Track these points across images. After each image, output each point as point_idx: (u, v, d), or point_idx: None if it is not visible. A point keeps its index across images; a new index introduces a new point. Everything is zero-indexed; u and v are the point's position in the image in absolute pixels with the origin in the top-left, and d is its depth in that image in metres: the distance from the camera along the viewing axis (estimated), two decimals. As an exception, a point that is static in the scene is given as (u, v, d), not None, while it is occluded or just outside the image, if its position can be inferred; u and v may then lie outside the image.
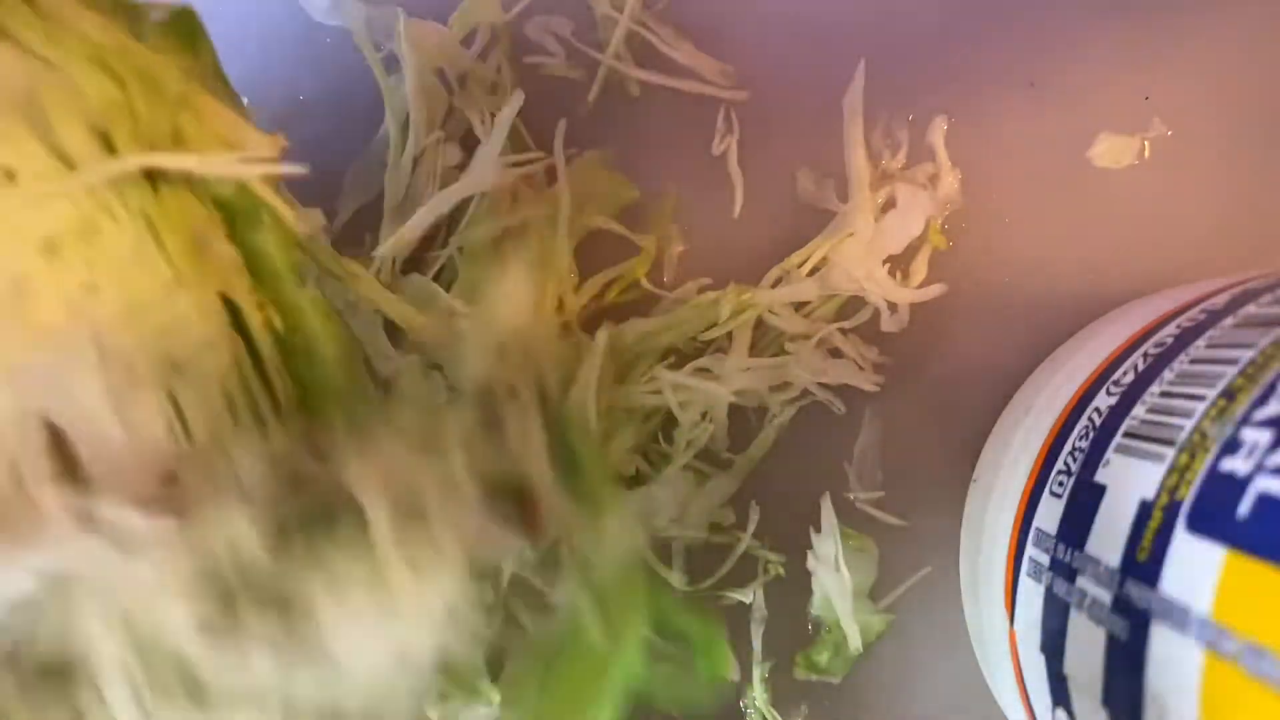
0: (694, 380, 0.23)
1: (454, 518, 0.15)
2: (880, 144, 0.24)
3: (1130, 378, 0.18)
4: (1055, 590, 0.17)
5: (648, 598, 0.18)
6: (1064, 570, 0.17)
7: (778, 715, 0.24)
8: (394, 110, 0.23)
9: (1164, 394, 0.16)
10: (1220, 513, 0.13)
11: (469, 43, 0.24)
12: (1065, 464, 0.18)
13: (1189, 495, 0.14)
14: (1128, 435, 0.16)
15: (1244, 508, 0.13)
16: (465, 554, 0.15)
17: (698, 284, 0.24)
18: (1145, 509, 0.15)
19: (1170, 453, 0.15)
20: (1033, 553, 0.18)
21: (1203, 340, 0.17)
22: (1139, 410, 0.17)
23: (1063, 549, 0.17)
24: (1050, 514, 0.18)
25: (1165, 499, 0.14)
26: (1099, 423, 0.18)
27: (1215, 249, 0.23)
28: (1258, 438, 0.13)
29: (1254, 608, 0.12)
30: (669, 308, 0.24)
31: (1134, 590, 0.14)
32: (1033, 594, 0.18)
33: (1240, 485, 0.13)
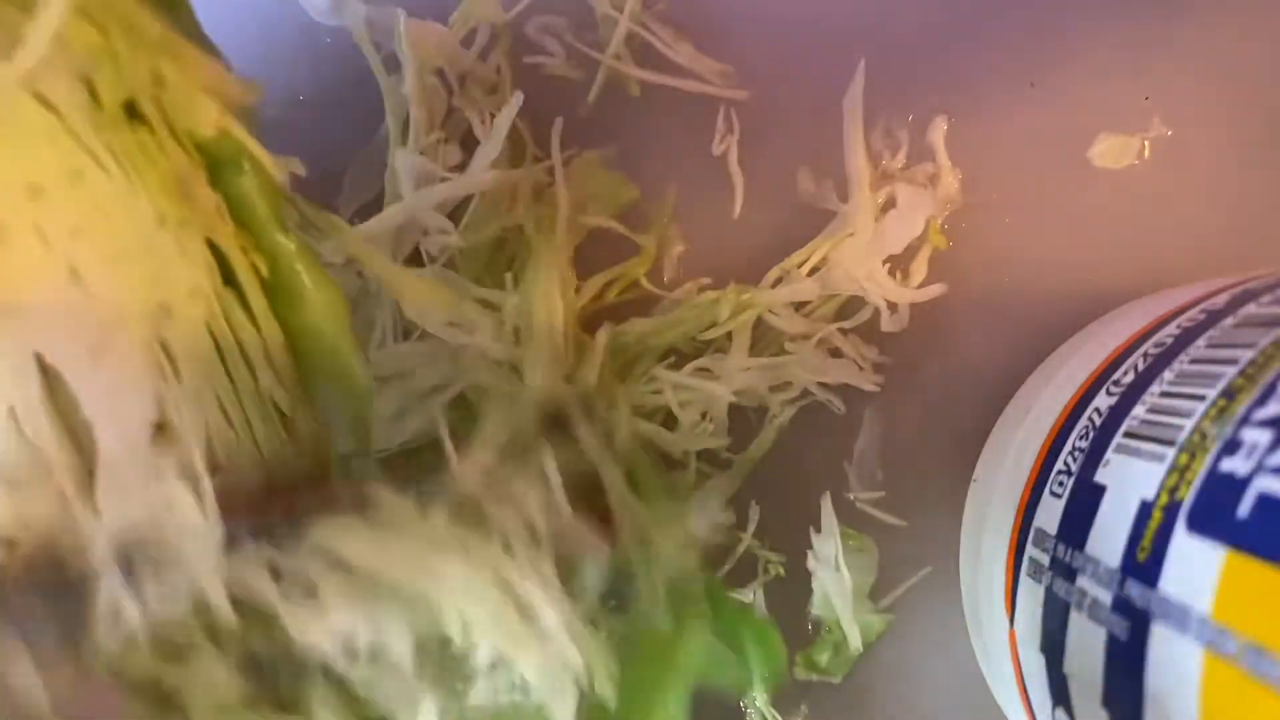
0: (694, 380, 0.23)
1: (551, 522, 0.15)
2: (880, 144, 0.24)
3: (1130, 378, 0.18)
4: (1055, 590, 0.17)
5: (707, 594, 0.18)
6: (1064, 570, 0.17)
7: (778, 715, 0.24)
8: (394, 110, 0.23)
9: (1164, 394, 0.16)
10: (1220, 513, 0.13)
11: (469, 43, 0.24)
12: (1065, 464, 0.18)
13: (1189, 495, 0.14)
14: (1128, 435, 0.16)
15: (1244, 508, 0.13)
16: (560, 556, 0.15)
17: (698, 284, 0.24)
18: (1145, 509, 0.15)
19: (1170, 453, 0.15)
20: (1033, 553, 0.18)
21: (1203, 340, 0.17)
22: (1139, 410, 0.17)
23: (1063, 549, 0.17)
24: (1050, 514, 0.18)
25: (1165, 499, 0.14)
26: (1099, 423, 0.18)
27: (1215, 249, 0.23)
28: (1258, 438, 0.13)
29: (1254, 608, 0.12)
30: (669, 308, 0.24)
31: (1134, 590, 0.14)
32: (1033, 594, 0.18)
33: (1240, 485, 0.13)
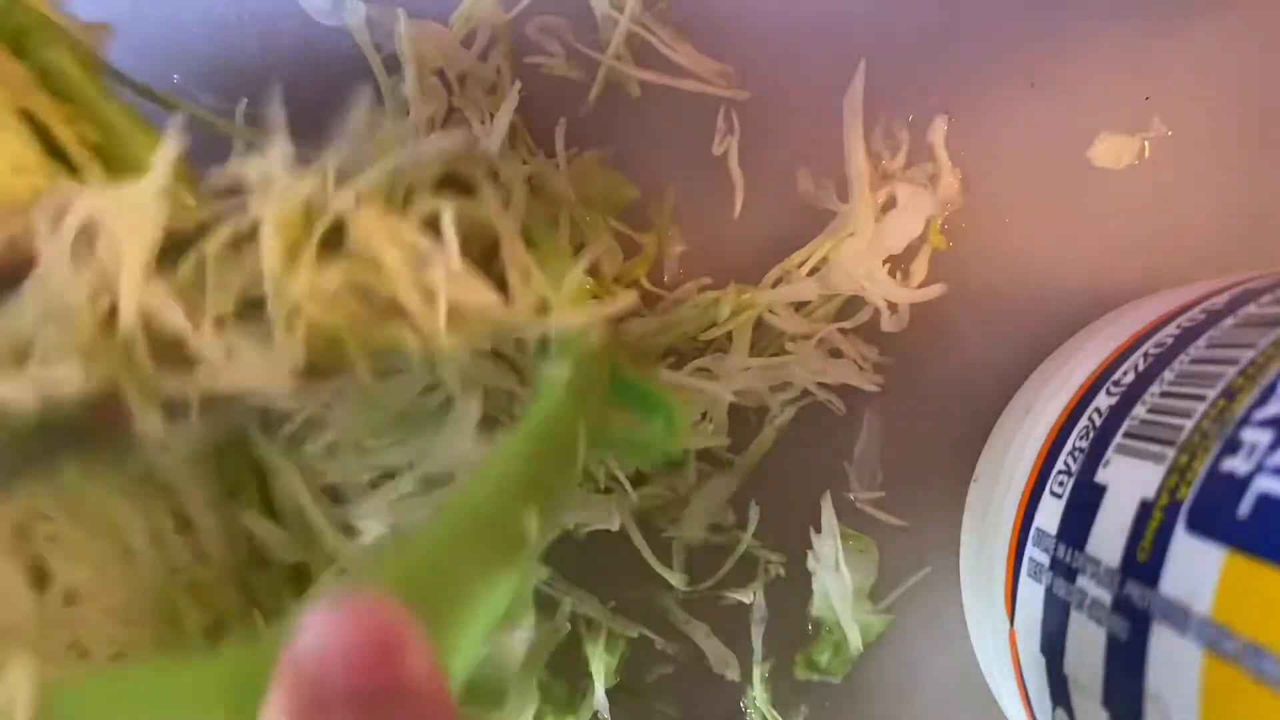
0: (694, 380, 0.23)
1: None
2: (880, 144, 0.24)
3: (1130, 378, 0.18)
4: (1055, 590, 0.17)
5: (611, 368, 0.18)
6: (1064, 570, 0.17)
7: (778, 715, 0.24)
8: (394, 110, 0.23)
9: (1164, 394, 0.16)
10: (1220, 513, 0.13)
11: (469, 43, 0.24)
12: (1065, 464, 0.18)
13: (1189, 495, 0.14)
14: (1128, 435, 0.16)
15: (1244, 508, 0.13)
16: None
17: (698, 284, 0.24)
18: (1145, 509, 0.15)
19: (1170, 453, 0.15)
20: (1033, 553, 0.18)
21: (1203, 340, 0.17)
22: (1139, 410, 0.17)
23: (1063, 549, 0.17)
24: (1050, 514, 0.18)
25: (1165, 499, 0.14)
26: (1099, 423, 0.18)
27: (1215, 249, 0.23)
28: (1258, 438, 0.13)
29: (1254, 608, 0.12)
30: (669, 308, 0.24)
31: (1134, 590, 0.14)
32: (1033, 594, 0.18)
33: (1240, 485, 0.13)
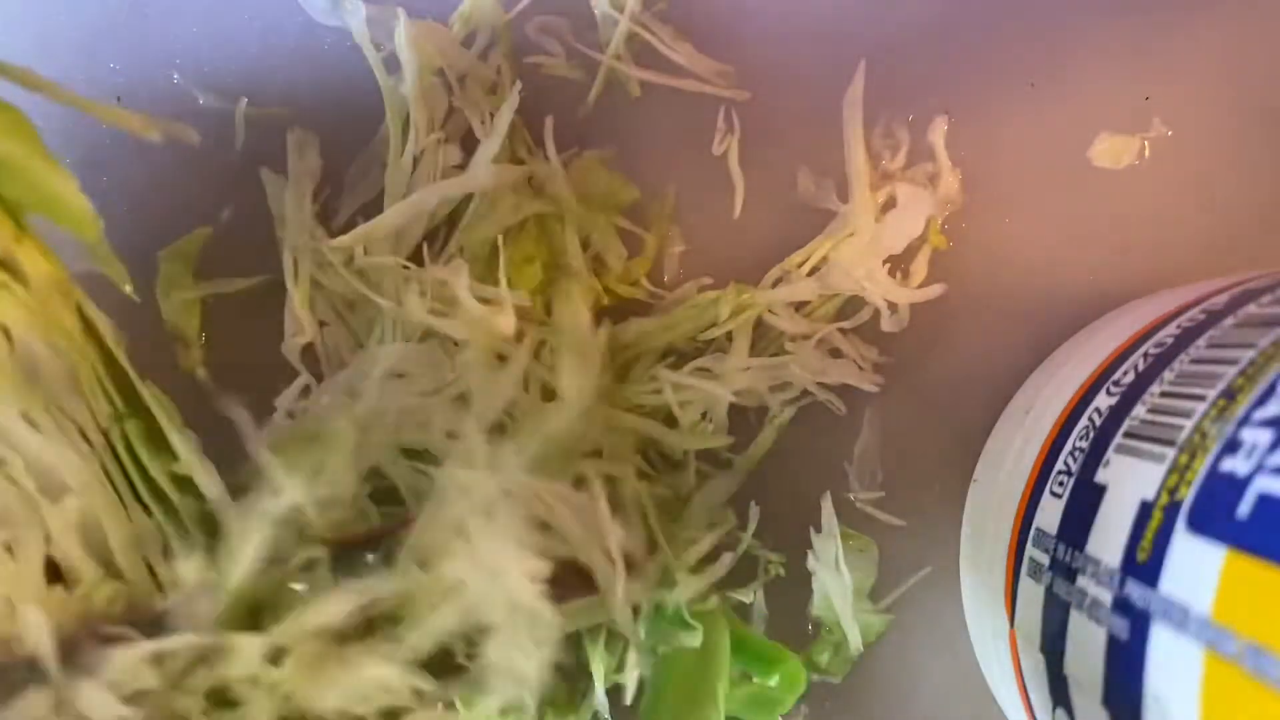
0: (694, 380, 0.23)
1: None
2: (880, 144, 0.24)
3: (1130, 378, 0.18)
4: (1055, 590, 0.17)
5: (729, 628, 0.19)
6: (1064, 570, 0.17)
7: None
8: (394, 110, 0.23)
9: (1164, 394, 0.16)
10: (1220, 513, 0.13)
11: (469, 43, 0.24)
12: (1065, 464, 0.18)
13: (1189, 495, 0.14)
14: (1128, 435, 0.16)
15: (1244, 508, 0.13)
16: None
17: (697, 284, 0.24)
18: (1145, 509, 0.15)
19: (1170, 453, 0.15)
20: (1033, 553, 0.18)
21: (1203, 340, 0.17)
22: (1139, 410, 0.17)
23: (1063, 549, 0.17)
24: (1050, 514, 0.18)
25: (1165, 499, 0.14)
26: (1099, 423, 0.18)
27: (1215, 249, 0.23)
28: (1258, 438, 0.13)
29: (1254, 608, 0.12)
30: (669, 308, 0.24)
31: (1134, 590, 0.14)
32: (1033, 594, 0.18)
33: (1240, 485, 0.13)
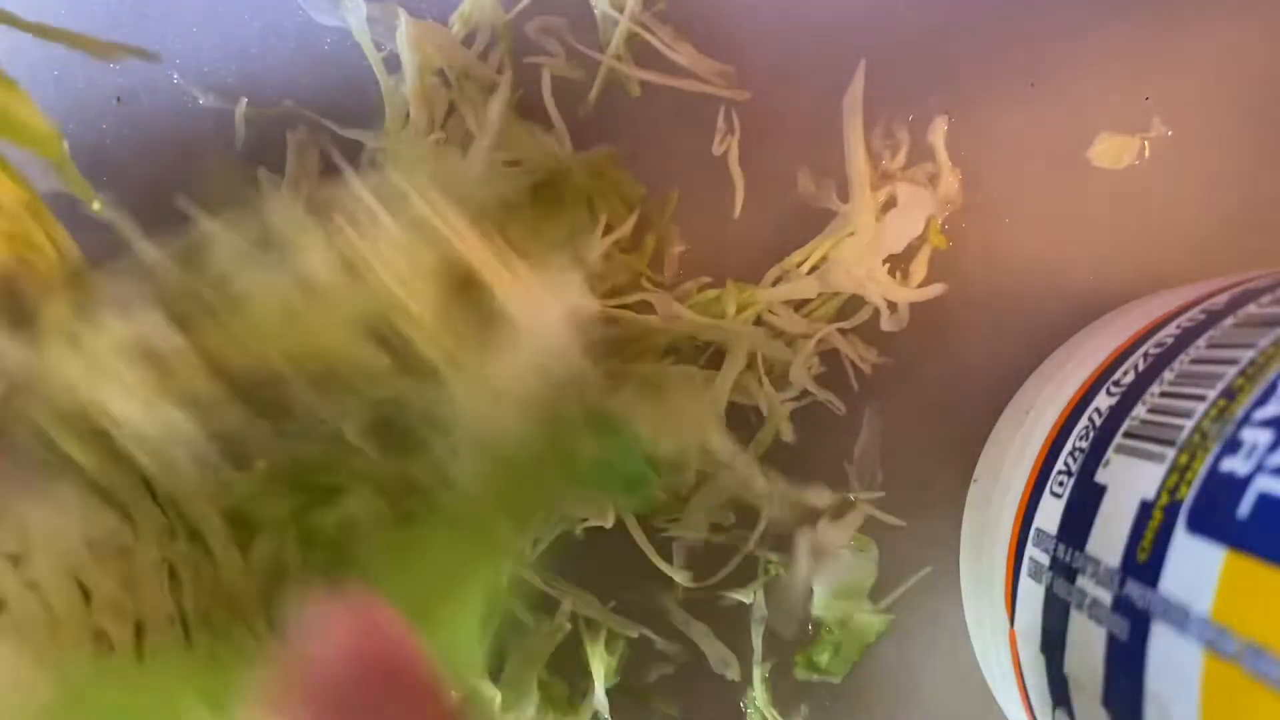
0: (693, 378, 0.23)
1: None
2: (880, 144, 0.24)
3: (1130, 378, 0.18)
4: (1055, 590, 0.17)
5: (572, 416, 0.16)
6: (1064, 570, 0.17)
7: (778, 715, 0.24)
8: (394, 110, 0.23)
9: (1164, 394, 0.16)
10: (1220, 513, 0.13)
11: (469, 42, 0.24)
12: (1065, 464, 0.18)
13: (1189, 495, 0.14)
14: (1128, 435, 0.16)
15: (1244, 508, 0.13)
16: None
17: (697, 283, 0.24)
18: (1145, 509, 0.15)
19: (1170, 453, 0.15)
20: (1033, 553, 0.18)
21: (1203, 340, 0.17)
22: (1139, 410, 0.17)
23: (1063, 549, 0.17)
24: (1050, 514, 0.18)
25: (1165, 499, 0.14)
26: (1099, 423, 0.18)
27: (1215, 249, 0.23)
28: (1258, 438, 0.13)
29: (1254, 608, 0.12)
30: (671, 306, 0.24)
31: (1134, 590, 0.14)
32: (1033, 594, 0.18)
33: (1240, 485, 0.13)
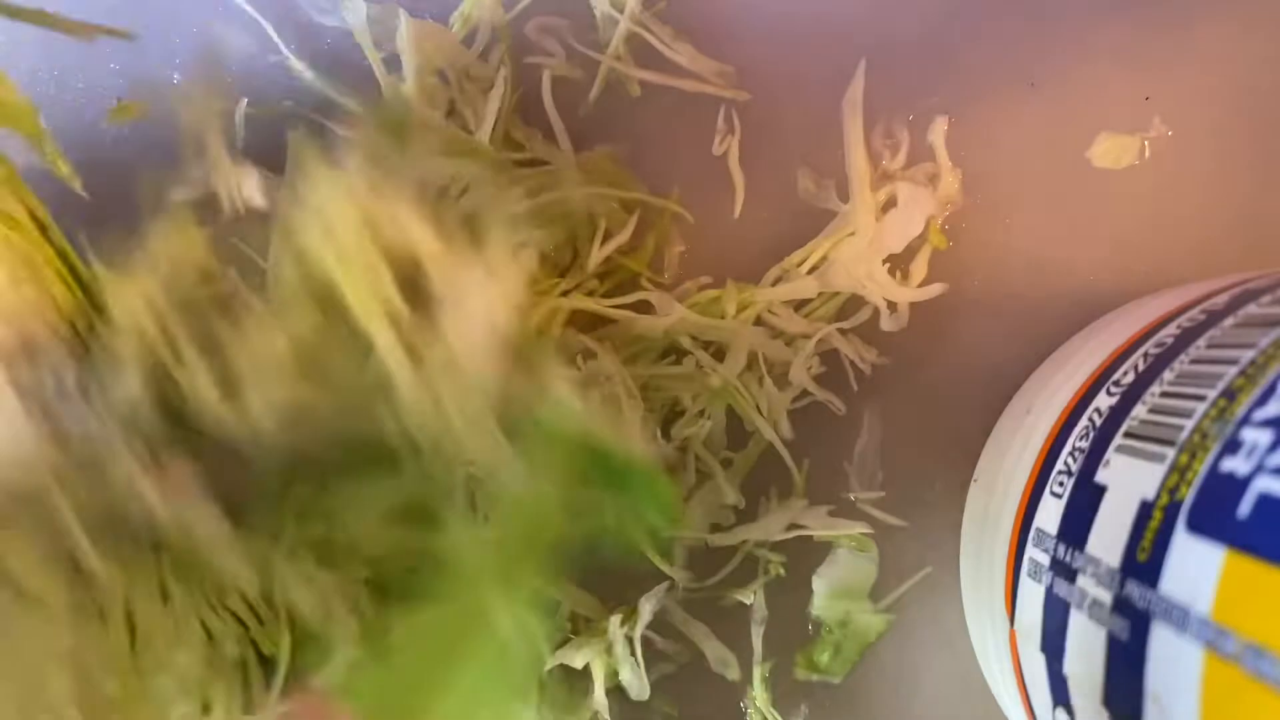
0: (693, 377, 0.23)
1: None
2: (880, 144, 0.24)
3: (1130, 378, 0.18)
4: (1055, 590, 0.17)
5: (582, 452, 0.16)
6: (1064, 570, 0.17)
7: (778, 715, 0.24)
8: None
9: (1164, 394, 0.16)
10: (1220, 513, 0.13)
11: (469, 43, 0.24)
12: (1065, 464, 0.18)
13: (1189, 495, 0.14)
14: (1128, 435, 0.16)
15: (1244, 508, 0.13)
16: None
17: (697, 283, 0.24)
18: (1145, 509, 0.15)
19: (1170, 453, 0.15)
20: (1033, 553, 0.18)
21: (1203, 340, 0.17)
22: (1139, 410, 0.17)
23: (1063, 549, 0.17)
24: (1050, 514, 0.18)
25: (1165, 499, 0.14)
26: (1099, 423, 0.18)
27: (1215, 249, 0.23)
28: (1258, 438, 0.13)
29: (1254, 608, 0.12)
30: (670, 306, 0.24)
31: (1134, 590, 0.14)
32: (1033, 594, 0.18)
33: (1240, 485, 0.13)
